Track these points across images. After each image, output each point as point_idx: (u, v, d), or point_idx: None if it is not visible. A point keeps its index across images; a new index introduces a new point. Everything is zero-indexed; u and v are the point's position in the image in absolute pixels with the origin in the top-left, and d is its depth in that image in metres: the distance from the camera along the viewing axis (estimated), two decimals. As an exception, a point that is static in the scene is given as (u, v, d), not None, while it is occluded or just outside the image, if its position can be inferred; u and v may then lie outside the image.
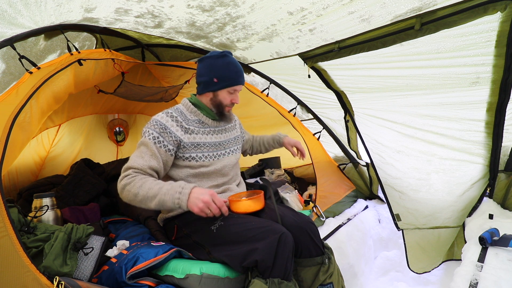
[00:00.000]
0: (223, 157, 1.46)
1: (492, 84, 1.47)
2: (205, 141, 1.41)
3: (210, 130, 1.45)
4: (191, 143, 1.37)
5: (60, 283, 0.96)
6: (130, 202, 1.21)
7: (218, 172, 1.43)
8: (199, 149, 1.39)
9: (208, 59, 1.38)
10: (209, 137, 1.43)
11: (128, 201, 1.21)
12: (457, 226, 1.95)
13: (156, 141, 1.30)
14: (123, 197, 1.22)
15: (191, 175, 1.39)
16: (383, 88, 1.84)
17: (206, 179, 1.42)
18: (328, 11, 1.43)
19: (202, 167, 1.39)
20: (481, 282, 1.24)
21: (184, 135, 1.36)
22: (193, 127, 1.40)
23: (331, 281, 1.24)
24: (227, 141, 1.50)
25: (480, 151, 1.74)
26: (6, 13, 1.23)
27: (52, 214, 1.55)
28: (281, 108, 2.46)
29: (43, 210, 1.51)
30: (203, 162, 1.39)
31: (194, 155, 1.37)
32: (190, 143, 1.37)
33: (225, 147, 1.49)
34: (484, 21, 1.28)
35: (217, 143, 1.45)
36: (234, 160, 1.52)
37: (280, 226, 1.19)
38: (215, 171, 1.42)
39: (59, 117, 2.78)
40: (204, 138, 1.41)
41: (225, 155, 1.48)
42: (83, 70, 1.59)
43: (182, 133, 1.35)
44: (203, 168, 1.39)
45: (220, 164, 1.44)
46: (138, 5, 1.43)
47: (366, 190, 2.68)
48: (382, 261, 2.22)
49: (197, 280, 1.15)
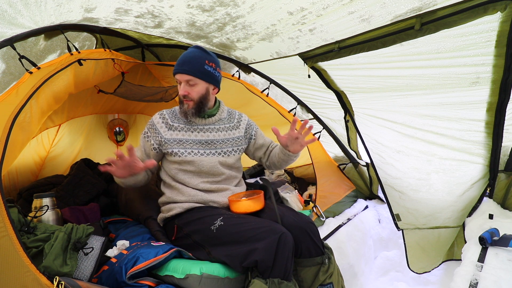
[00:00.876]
0: (212, 156, 1.46)
1: (492, 84, 1.47)
2: (188, 138, 1.45)
3: (197, 128, 1.48)
4: (173, 139, 1.44)
5: (60, 283, 0.96)
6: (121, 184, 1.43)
7: (208, 171, 1.44)
8: (181, 145, 1.44)
9: None
10: (194, 134, 1.47)
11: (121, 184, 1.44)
12: (457, 226, 1.95)
13: (145, 135, 1.50)
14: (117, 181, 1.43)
15: (180, 171, 1.44)
16: (383, 88, 1.84)
17: (196, 176, 1.44)
18: (328, 11, 1.43)
19: (185, 163, 1.42)
20: (481, 282, 1.24)
21: (167, 132, 1.46)
22: (178, 124, 1.47)
23: (331, 281, 1.24)
24: (218, 141, 1.49)
25: (480, 151, 1.74)
26: (6, 13, 1.22)
27: (52, 214, 1.55)
28: (281, 108, 2.46)
29: (43, 210, 1.51)
30: (185, 157, 1.42)
31: (176, 151, 1.43)
32: (172, 139, 1.44)
33: (216, 146, 1.48)
34: (484, 21, 1.28)
35: (203, 141, 1.46)
36: (227, 160, 1.49)
37: (280, 226, 1.19)
38: (204, 170, 1.44)
39: (59, 117, 2.78)
40: (187, 135, 1.46)
41: (214, 155, 1.47)
42: (83, 70, 1.59)
43: (165, 130, 1.46)
44: (188, 166, 1.42)
45: (208, 162, 1.44)
46: (138, 5, 1.43)
47: (366, 190, 2.68)
48: (382, 261, 2.22)
49: (197, 280, 1.15)
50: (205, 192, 1.43)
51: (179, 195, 1.42)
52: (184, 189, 1.43)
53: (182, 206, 1.40)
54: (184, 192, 1.42)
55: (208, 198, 1.42)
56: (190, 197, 1.41)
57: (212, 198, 1.42)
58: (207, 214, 1.33)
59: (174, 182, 1.46)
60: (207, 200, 1.42)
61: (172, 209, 1.43)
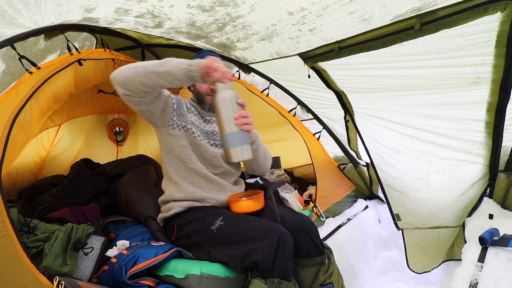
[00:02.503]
0: (214, 147, 1.48)
1: (492, 84, 1.47)
2: (196, 123, 1.48)
3: (206, 120, 1.53)
4: (189, 120, 1.45)
5: (60, 283, 0.96)
6: (124, 79, 1.14)
7: (208, 160, 1.45)
8: (195, 127, 1.46)
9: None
10: (202, 124, 1.51)
11: (123, 78, 1.14)
12: (457, 226, 1.95)
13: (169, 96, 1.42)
14: (117, 76, 1.16)
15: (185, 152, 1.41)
16: (383, 88, 1.84)
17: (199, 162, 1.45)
18: (328, 11, 1.43)
19: (194, 145, 1.43)
20: (481, 282, 1.24)
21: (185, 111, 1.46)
22: (192, 111, 1.51)
23: (331, 281, 1.24)
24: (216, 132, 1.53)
25: (480, 151, 1.74)
26: (6, 13, 1.22)
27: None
28: (281, 108, 2.46)
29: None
30: (195, 138, 1.43)
31: (190, 127, 1.43)
32: (189, 119, 1.45)
33: (215, 138, 1.51)
34: (484, 21, 1.28)
35: (209, 132, 1.50)
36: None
37: (280, 226, 1.19)
38: (206, 157, 1.45)
39: (59, 117, 2.78)
40: (198, 123, 1.49)
41: (217, 146, 1.49)
42: (83, 70, 1.59)
43: (184, 110, 1.46)
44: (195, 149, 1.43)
45: (212, 151, 1.45)
46: (138, 5, 1.43)
47: (366, 190, 2.68)
48: (382, 261, 2.22)
49: (197, 280, 1.15)
50: (203, 190, 1.43)
51: (178, 191, 1.42)
52: (184, 185, 1.42)
53: (181, 205, 1.40)
54: (183, 188, 1.42)
55: (207, 195, 1.42)
56: (188, 194, 1.41)
57: (211, 195, 1.42)
58: (207, 214, 1.33)
59: (176, 175, 1.44)
60: (206, 197, 1.41)
61: (171, 208, 1.43)
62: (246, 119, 1.14)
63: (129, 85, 1.16)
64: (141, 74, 1.13)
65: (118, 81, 1.17)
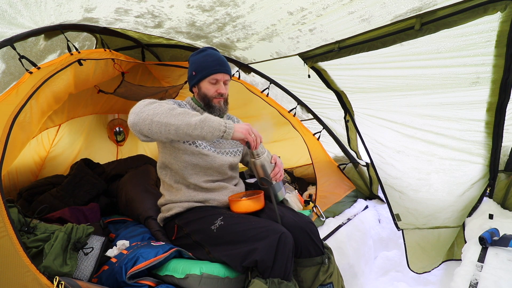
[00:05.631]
0: (221, 155, 1.46)
1: (492, 84, 1.47)
2: None
3: None
4: None
5: (60, 283, 0.96)
6: (151, 132, 1.12)
7: (216, 169, 1.44)
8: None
9: (191, 57, 1.46)
10: None
11: (149, 132, 1.12)
12: (457, 226, 1.95)
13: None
14: (140, 125, 1.12)
15: (190, 165, 1.39)
16: (383, 88, 1.84)
17: (202, 173, 1.42)
18: (328, 11, 1.43)
19: (201, 155, 1.38)
20: (481, 282, 1.24)
21: None
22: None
23: (331, 281, 1.24)
24: (223, 141, 1.50)
25: (480, 151, 1.73)
26: (6, 13, 1.22)
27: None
28: (281, 108, 2.46)
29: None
30: (202, 149, 1.38)
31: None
32: None
33: (221, 146, 1.49)
34: (484, 21, 1.28)
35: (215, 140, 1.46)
36: (231, 160, 1.50)
37: (280, 226, 1.19)
38: (214, 166, 1.42)
39: (59, 117, 2.78)
40: None
41: (223, 154, 1.47)
42: (83, 70, 1.59)
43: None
44: (201, 159, 1.39)
45: (220, 160, 1.44)
46: (138, 5, 1.43)
47: (366, 190, 2.68)
48: (382, 261, 2.22)
49: (197, 280, 1.15)
50: (206, 192, 1.43)
51: (178, 195, 1.42)
52: (184, 190, 1.42)
53: (182, 206, 1.40)
54: (185, 193, 1.42)
55: (209, 196, 1.42)
56: (190, 197, 1.41)
57: (212, 197, 1.42)
58: (207, 214, 1.33)
59: (176, 183, 1.44)
60: (208, 198, 1.42)
61: (172, 208, 1.43)
62: (279, 174, 1.38)
63: (155, 137, 1.17)
64: (173, 133, 1.13)
65: (142, 132, 1.15)
